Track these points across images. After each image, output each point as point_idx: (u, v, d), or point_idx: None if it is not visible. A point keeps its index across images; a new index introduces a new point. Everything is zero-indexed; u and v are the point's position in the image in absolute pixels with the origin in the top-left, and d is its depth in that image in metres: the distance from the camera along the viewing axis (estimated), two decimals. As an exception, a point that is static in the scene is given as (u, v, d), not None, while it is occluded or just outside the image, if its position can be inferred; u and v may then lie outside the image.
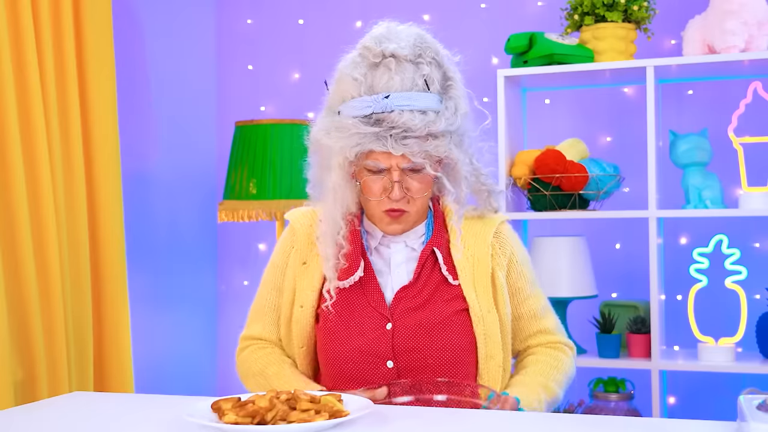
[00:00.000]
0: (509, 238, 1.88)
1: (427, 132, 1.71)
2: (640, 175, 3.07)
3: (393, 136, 1.70)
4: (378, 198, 1.78)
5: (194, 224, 3.64)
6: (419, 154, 1.72)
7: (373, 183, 1.77)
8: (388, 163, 1.74)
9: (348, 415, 1.42)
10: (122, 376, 2.88)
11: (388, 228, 1.82)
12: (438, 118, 1.72)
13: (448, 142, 1.74)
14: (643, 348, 2.90)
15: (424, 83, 1.73)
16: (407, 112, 1.70)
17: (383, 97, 1.70)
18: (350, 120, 1.73)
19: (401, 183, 1.75)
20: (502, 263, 1.84)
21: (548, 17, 3.31)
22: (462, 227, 1.85)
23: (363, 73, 1.74)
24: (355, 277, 1.81)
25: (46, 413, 1.63)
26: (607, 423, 1.52)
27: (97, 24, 2.86)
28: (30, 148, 2.60)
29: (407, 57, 1.74)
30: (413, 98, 1.71)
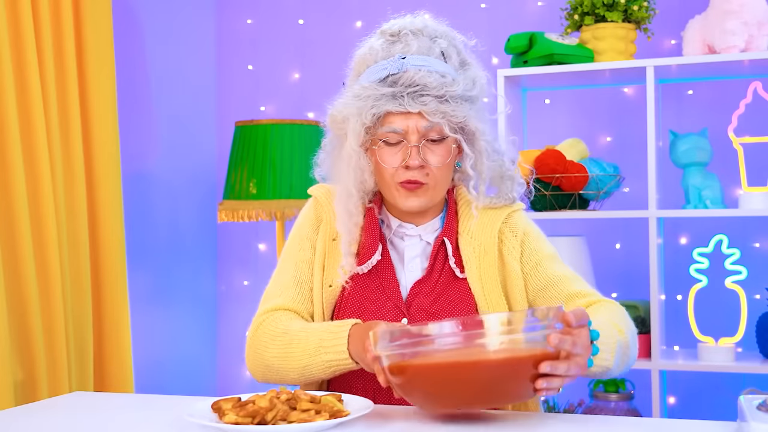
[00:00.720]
0: (520, 222, 1.80)
1: (444, 92, 1.67)
2: (640, 175, 3.07)
3: (409, 95, 1.67)
4: (393, 168, 1.71)
5: (194, 224, 3.64)
6: (436, 114, 1.67)
7: (389, 154, 1.72)
8: (404, 126, 1.68)
9: (348, 415, 1.42)
10: (122, 376, 2.88)
11: (407, 203, 1.73)
12: (455, 82, 1.69)
13: (468, 109, 1.70)
14: (643, 348, 2.90)
15: (440, 54, 1.73)
16: (424, 71, 1.67)
17: (400, 58, 1.69)
18: (367, 84, 1.70)
19: (419, 149, 1.69)
20: (514, 247, 1.77)
21: (548, 17, 3.31)
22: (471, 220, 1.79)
23: (381, 45, 1.75)
24: (373, 261, 1.76)
25: (46, 413, 1.63)
26: (607, 423, 1.52)
27: (97, 24, 2.86)
28: (30, 148, 2.60)
29: (424, 32, 1.75)
30: (430, 61, 1.70)
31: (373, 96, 1.68)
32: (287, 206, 3.14)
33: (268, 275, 3.85)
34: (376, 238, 1.79)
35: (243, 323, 3.70)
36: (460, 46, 1.79)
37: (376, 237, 1.79)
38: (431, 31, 1.76)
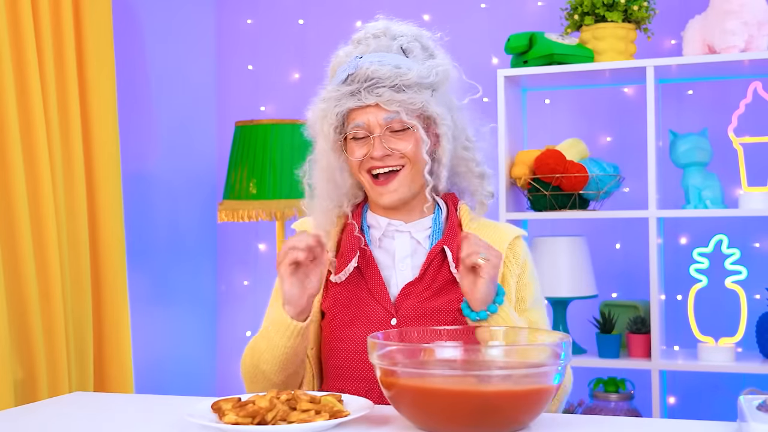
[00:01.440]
0: (523, 251, 1.86)
1: (398, 81, 1.73)
2: (640, 175, 3.07)
3: (366, 89, 1.74)
4: (358, 159, 1.78)
5: (194, 224, 3.64)
6: (393, 103, 1.73)
7: (356, 148, 1.79)
8: (366, 120, 1.75)
9: (348, 416, 1.42)
10: (122, 376, 2.88)
11: (382, 198, 1.79)
12: (410, 71, 1.75)
13: (426, 97, 1.76)
14: (643, 348, 2.90)
15: (399, 50, 1.78)
16: (377, 64, 1.74)
17: (356, 58, 1.77)
18: (330, 87, 1.80)
19: (381, 139, 1.75)
20: (514, 271, 1.82)
21: (548, 17, 3.31)
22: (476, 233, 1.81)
23: (346, 51, 1.83)
24: (349, 269, 1.80)
25: (46, 413, 1.63)
26: (607, 423, 1.52)
27: (97, 24, 2.86)
28: (30, 148, 2.60)
29: (386, 34, 1.81)
30: (384, 56, 1.76)
31: (335, 96, 1.78)
32: (287, 206, 3.14)
33: (268, 275, 3.86)
34: (353, 247, 1.82)
35: (243, 323, 3.71)
36: (427, 41, 1.84)
37: (353, 245, 1.83)
38: (393, 32, 1.81)
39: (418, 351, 1.46)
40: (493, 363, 1.43)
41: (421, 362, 1.44)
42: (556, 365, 1.37)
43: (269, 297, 2.04)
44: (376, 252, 1.84)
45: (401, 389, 1.38)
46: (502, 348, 1.50)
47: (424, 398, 1.36)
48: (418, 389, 1.36)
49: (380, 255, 1.84)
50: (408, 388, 1.37)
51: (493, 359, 1.44)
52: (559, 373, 1.39)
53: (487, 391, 1.34)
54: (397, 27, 1.83)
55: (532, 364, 1.39)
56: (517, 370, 1.37)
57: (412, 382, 1.36)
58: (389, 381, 1.39)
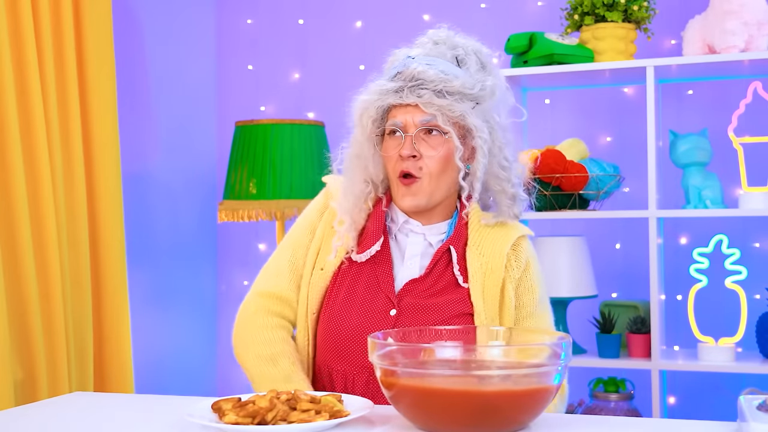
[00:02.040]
0: (526, 252, 1.84)
1: (442, 87, 1.75)
2: (640, 175, 3.07)
3: (409, 88, 1.76)
4: (391, 156, 1.79)
5: (194, 224, 3.64)
6: (432, 106, 1.75)
7: (390, 145, 1.80)
8: (404, 119, 1.77)
9: (348, 416, 1.42)
10: (122, 376, 2.88)
11: (403, 201, 1.80)
12: (456, 78, 1.76)
13: (467, 108, 1.77)
14: (643, 348, 2.90)
15: (453, 58, 1.81)
16: (425, 66, 1.76)
17: (407, 57, 1.79)
18: (377, 81, 1.82)
19: (412, 138, 1.76)
20: (514, 276, 1.81)
21: (548, 17, 3.31)
22: (481, 234, 1.82)
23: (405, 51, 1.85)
24: (371, 251, 1.81)
25: (46, 413, 1.63)
26: (607, 423, 1.52)
27: (97, 24, 2.86)
28: (30, 148, 2.60)
29: (446, 43, 1.83)
30: (435, 61, 1.78)
31: (380, 91, 1.79)
32: (287, 206, 3.14)
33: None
34: (379, 229, 1.84)
35: (243, 323, 3.70)
36: (485, 57, 1.86)
37: (380, 228, 1.84)
38: (453, 42, 1.84)
39: (418, 351, 1.46)
40: (493, 363, 1.43)
41: (421, 362, 1.44)
42: (556, 365, 1.37)
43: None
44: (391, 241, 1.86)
45: (401, 389, 1.38)
46: (502, 348, 1.50)
47: (424, 398, 1.36)
48: (418, 389, 1.36)
49: (393, 248, 1.86)
50: (408, 388, 1.37)
51: (493, 359, 1.44)
52: (559, 373, 1.39)
53: (487, 391, 1.34)
54: (460, 39, 1.85)
55: (532, 364, 1.39)
56: (517, 370, 1.37)
57: (412, 382, 1.36)
58: (389, 381, 1.39)
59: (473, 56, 1.83)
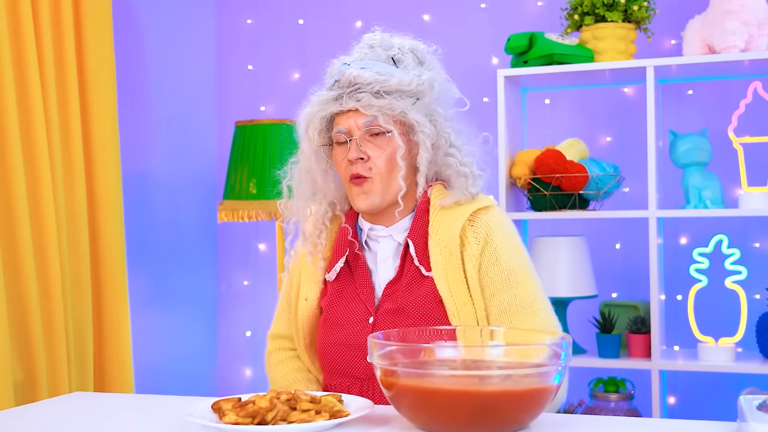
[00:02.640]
0: (487, 224, 1.78)
1: (379, 87, 1.77)
2: (640, 175, 3.07)
3: (348, 94, 1.78)
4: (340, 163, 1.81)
5: (194, 224, 3.64)
6: (372, 108, 1.76)
7: (338, 153, 1.82)
8: (347, 125, 1.79)
9: (348, 416, 1.42)
10: (122, 376, 2.88)
11: (356, 202, 1.81)
12: (391, 78, 1.78)
13: (407, 104, 1.78)
14: (643, 348, 2.90)
15: (389, 59, 1.82)
16: (359, 69, 1.78)
17: (343, 65, 1.81)
18: (317, 93, 1.85)
19: (357, 142, 1.78)
20: (474, 254, 1.76)
21: (548, 17, 3.31)
22: (439, 219, 1.81)
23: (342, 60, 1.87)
24: (337, 268, 1.85)
25: (46, 413, 1.63)
26: (607, 423, 1.52)
27: (97, 24, 2.86)
28: (30, 148, 2.60)
29: (381, 45, 1.84)
30: (369, 63, 1.80)
31: (320, 101, 1.82)
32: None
33: (268, 275, 3.86)
34: (343, 247, 1.86)
35: (243, 323, 3.71)
36: (423, 53, 1.86)
37: (344, 244, 1.86)
38: (388, 43, 1.85)
39: (418, 351, 1.46)
40: (493, 363, 1.43)
41: (421, 362, 1.44)
42: (556, 365, 1.37)
43: (269, 297, 2.08)
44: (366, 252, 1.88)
45: (401, 389, 1.38)
46: (502, 348, 1.50)
47: (424, 398, 1.36)
48: (418, 389, 1.36)
49: (368, 256, 1.88)
50: (408, 388, 1.37)
51: (493, 359, 1.44)
52: (559, 373, 1.39)
53: (487, 391, 1.34)
54: (396, 39, 1.86)
55: (532, 364, 1.39)
56: (517, 370, 1.37)
57: (412, 382, 1.36)
58: (389, 381, 1.39)
59: (409, 54, 1.84)
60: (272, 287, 3.58)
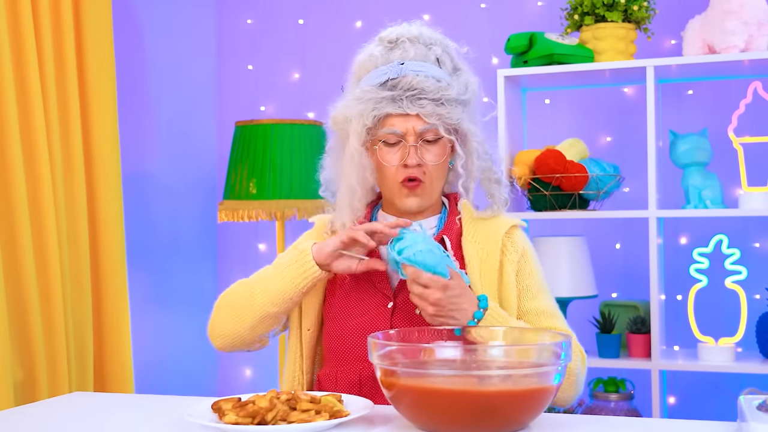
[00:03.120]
0: (521, 240, 1.87)
1: (440, 96, 1.78)
2: (640, 175, 3.07)
3: (408, 98, 1.78)
4: (394, 166, 1.81)
5: (194, 224, 3.64)
6: (433, 116, 1.78)
7: (390, 154, 1.82)
8: (404, 128, 1.79)
9: (348, 416, 1.42)
10: (122, 376, 2.88)
11: (407, 202, 1.83)
12: (450, 87, 1.80)
13: (461, 112, 1.81)
14: (643, 348, 2.90)
15: (436, 60, 1.83)
16: (422, 76, 1.78)
17: (399, 64, 1.80)
18: (368, 87, 1.81)
19: (416, 148, 1.79)
20: (513, 260, 1.83)
21: (548, 17, 3.31)
22: (475, 226, 1.85)
23: (380, 51, 1.85)
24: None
25: (46, 413, 1.63)
26: (607, 423, 1.52)
27: (97, 24, 2.86)
28: (30, 148, 2.60)
29: (420, 40, 1.85)
30: (426, 67, 1.81)
31: (374, 99, 1.79)
32: (287, 206, 3.14)
33: (268, 275, 3.78)
34: None
35: (243, 323, 3.70)
36: (453, 53, 1.89)
37: None
38: (426, 39, 1.86)
39: (418, 351, 1.46)
40: (493, 363, 1.43)
41: (421, 362, 1.44)
42: (557, 365, 1.37)
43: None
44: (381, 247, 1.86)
45: (401, 389, 1.38)
46: (502, 348, 1.50)
47: (424, 398, 1.36)
48: (418, 389, 1.36)
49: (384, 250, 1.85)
50: (408, 388, 1.37)
51: (493, 359, 1.44)
52: (559, 373, 1.39)
53: (487, 391, 1.34)
54: (429, 33, 1.87)
55: (532, 364, 1.39)
56: (517, 370, 1.37)
57: (412, 382, 1.36)
58: (389, 381, 1.39)
59: (445, 54, 1.86)
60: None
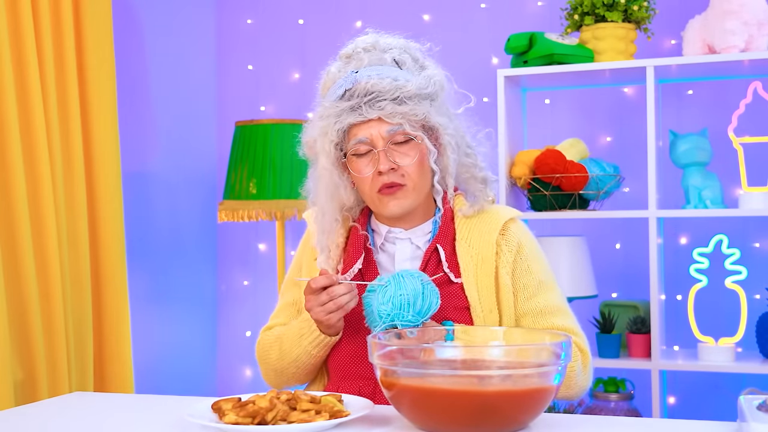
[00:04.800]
0: (517, 234, 1.82)
1: (399, 94, 1.73)
2: (640, 175, 3.07)
3: (366, 103, 1.73)
4: (368, 176, 1.77)
5: (194, 224, 3.64)
6: (395, 116, 1.73)
7: (362, 165, 1.78)
8: (369, 135, 1.74)
9: (348, 416, 1.42)
10: (122, 376, 2.88)
11: (388, 208, 1.78)
12: (408, 83, 1.74)
13: (428, 107, 1.76)
14: (643, 348, 2.90)
15: (393, 61, 1.78)
16: (375, 78, 1.73)
17: (352, 73, 1.76)
18: (328, 104, 1.78)
19: (386, 152, 1.74)
20: (507, 261, 1.80)
21: (548, 17, 3.31)
22: (468, 226, 1.82)
23: (338, 67, 1.82)
24: (354, 270, 1.81)
25: (46, 413, 1.64)
26: (607, 423, 1.52)
27: (97, 24, 2.86)
28: (30, 148, 2.60)
29: (376, 47, 1.80)
30: (380, 69, 1.76)
31: (334, 113, 1.76)
32: (287, 206, 3.14)
33: (268, 275, 3.85)
34: (358, 250, 1.84)
35: (243, 323, 3.71)
36: (416, 52, 1.84)
37: (358, 248, 1.84)
38: (383, 45, 1.81)
39: (418, 351, 1.46)
40: (493, 363, 1.43)
41: (421, 362, 1.44)
42: (557, 365, 1.37)
43: (269, 297, 2.06)
44: (379, 255, 1.86)
45: (401, 389, 1.38)
46: (502, 348, 1.50)
47: (424, 398, 1.36)
48: (418, 389, 1.36)
49: (383, 258, 1.86)
50: (408, 388, 1.37)
51: (493, 359, 1.44)
52: (559, 373, 1.39)
53: (487, 391, 1.34)
54: (386, 39, 1.82)
55: (532, 364, 1.39)
56: (517, 370, 1.37)
57: (412, 382, 1.36)
58: (389, 381, 1.39)
59: (406, 54, 1.80)
60: (272, 287, 3.57)
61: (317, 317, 1.71)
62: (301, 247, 1.97)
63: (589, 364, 1.81)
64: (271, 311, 2.04)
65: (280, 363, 1.85)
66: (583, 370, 1.79)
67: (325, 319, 1.71)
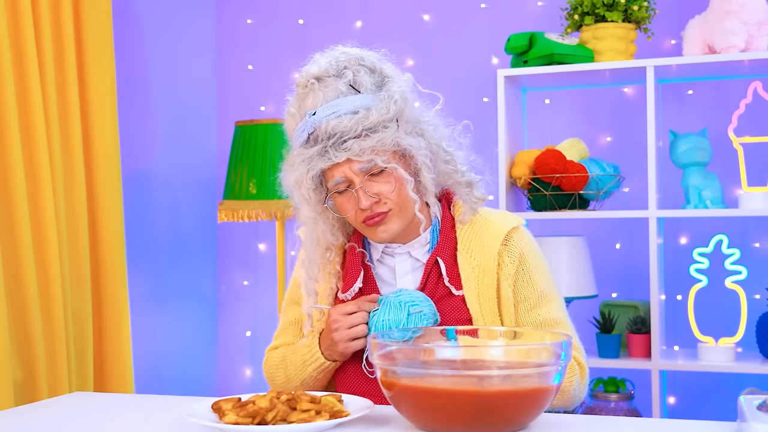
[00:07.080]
0: (520, 244, 1.80)
1: (361, 130, 1.68)
2: (640, 175, 3.07)
3: (332, 146, 1.69)
4: (351, 213, 1.75)
5: (194, 224, 3.64)
6: (364, 153, 1.69)
7: (343, 202, 1.76)
8: (343, 174, 1.72)
9: (348, 416, 1.42)
10: (122, 376, 2.88)
11: (377, 235, 1.77)
12: (369, 113, 1.69)
13: (395, 131, 1.71)
14: (643, 348, 2.90)
15: (349, 88, 1.72)
16: (334, 118, 1.68)
17: (310, 115, 1.71)
18: (296, 151, 1.75)
19: (364, 188, 1.72)
20: (509, 273, 1.78)
21: (548, 17, 3.31)
22: (470, 235, 1.80)
23: (297, 106, 1.78)
24: (355, 289, 1.81)
25: (46, 413, 1.64)
26: (607, 423, 1.52)
27: (97, 24, 2.86)
28: (30, 148, 2.60)
29: (329, 73, 1.75)
30: (338, 104, 1.70)
31: (305, 160, 1.73)
32: (287, 206, 3.13)
33: (268, 275, 3.85)
34: (356, 267, 1.83)
35: (243, 323, 3.71)
36: (373, 64, 1.76)
37: (356, 266, 1.83)
38: (335, 68, 1.75)
39: (418, 351, 1.46)
40: (493, 363, 1.43)
41: (421, 362, 1.44)
42: (557, 365, 1.37)
43: (269, 297, 2.06)
44: (378, 269, 1.85)
45: (401, 389, 1.38)
46: (502, 348, 1.50)
47: (424, 398, 1.36)
48: (418, 389, 1.36)
49: (382, 271, 1.85)
50: (408, 388, 1.37)
51: (493, 359, 1.44)
52: (559, 373, 1.39)
53: (487, 391, 1.34)
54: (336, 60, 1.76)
55: (532, 364, 1.39)
56: (517, 370, 1.37)
57: (412, 382, 1.36)
58: (389, 381, 1.39)
59: (361, 70, 1.74)
60: (272, 287, 3.57)
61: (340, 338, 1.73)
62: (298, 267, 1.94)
63: (586, 377, 1.80)
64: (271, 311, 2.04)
65: (287, 385, 1.87)
66: (581, 383, 1.78)
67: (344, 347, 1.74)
